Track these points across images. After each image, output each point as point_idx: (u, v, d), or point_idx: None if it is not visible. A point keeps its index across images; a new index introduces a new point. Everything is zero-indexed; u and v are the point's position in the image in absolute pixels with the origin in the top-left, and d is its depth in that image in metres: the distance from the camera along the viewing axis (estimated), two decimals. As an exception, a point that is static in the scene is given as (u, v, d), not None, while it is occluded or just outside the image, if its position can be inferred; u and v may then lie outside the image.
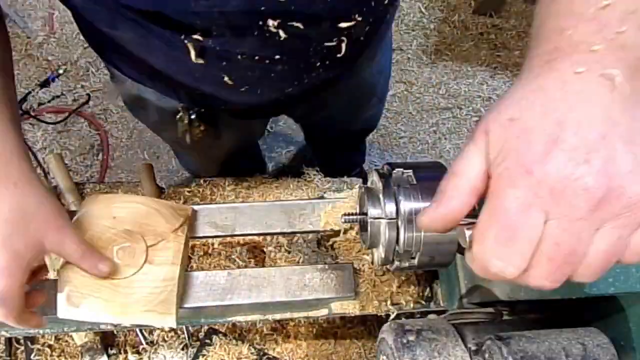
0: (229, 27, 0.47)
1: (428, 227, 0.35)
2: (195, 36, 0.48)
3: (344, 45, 0.54)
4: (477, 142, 0.33)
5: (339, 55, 0.55)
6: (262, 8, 0.45)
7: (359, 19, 0.51)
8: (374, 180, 0.50)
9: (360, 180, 0.83)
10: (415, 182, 0.46)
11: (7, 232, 0.46)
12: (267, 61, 0.53)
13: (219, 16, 0.46)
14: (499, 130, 0.31)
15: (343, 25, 0.51)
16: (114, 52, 0.63)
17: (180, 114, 0.70)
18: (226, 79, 0.55)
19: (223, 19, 0.46)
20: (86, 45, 1.82)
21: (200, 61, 0.51)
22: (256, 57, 0.52)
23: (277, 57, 0.52)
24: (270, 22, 0.47)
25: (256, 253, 0.77)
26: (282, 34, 0.48)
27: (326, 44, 0.53)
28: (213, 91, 0.61)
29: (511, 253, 0.30)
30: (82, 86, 1.76)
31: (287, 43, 0.50)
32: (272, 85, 0.60)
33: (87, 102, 1.73)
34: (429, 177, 0.47)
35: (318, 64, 0.57)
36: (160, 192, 0.79)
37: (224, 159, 0.98)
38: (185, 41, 0.49)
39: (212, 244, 0.74)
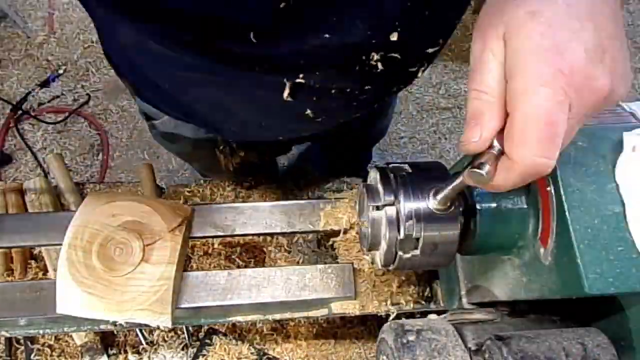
0: (335, 63, 0.47)
1: (472, 152, 0.35)
2: (299, 79, 0.47)
3: (422, 70, 0.54)
4: (493, 50, 0.33)
5: (416, 79, 0.55)
6: (374, 41, 0.45)
7: (442, 42, 0.51)
8: (373, 176, 0.50)
9: (360, 180, 0.83)
10: (411, 170, 0.46)
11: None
12: (357, 92, 0.52)
13: (329, 53, 0.45)
14: (519, 28, 0.31)
15: (430, 50, 0.50)
16: (156, 92, 0.61)
17: (222, 146, 0.69)
18: (308, 112, 0.55)
19: (333, 56, 0.46)
20: (86, 45, 1.82)
21: (290, 99, 0.50)
22: (347, 89, 0.52)
23: (367, 87, 0.52)
24: (374, 56, 0.46)
25: (256, 253, 0.77)
26: (380, 66, 0.48)
27: (410, 69, 0.53)
28: (282, 124, 0.60)
29: (553, 148, 0.32)
30: (82, 86, 1.76)
31: (381, 73, 0.49)
32: (348, 112, 0.59)
33: (87, 102, 1.73)
34: (425, 167, 0.48)
35: (395, 88, 0.57)
36: (160, 192, 0.79)
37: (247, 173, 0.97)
38: (286, 81, 0.48)
39: (212, 244, 0.74)
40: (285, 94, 0.49)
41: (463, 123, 1.79)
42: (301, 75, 0.47)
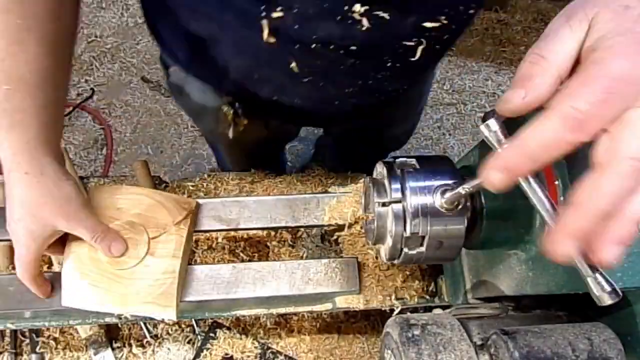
0: (314, 5, 0.45)
1: (509, 111, 0.33)
2: (275, 13, 0.45)
3: (420, 49, 0.52)
4: (573, 26, 0.33)
5: (412, 59, 0.53)
6: None
7: (445, 21, 0.49)
8: (379, 171, 0.49)
9: (365, 174, 0.82)
10: (418, 166, 0.46)
11: (21, 214, 0.52)
12: (341, 51, 0.51)
13: None
14: (611, 16, 0.32)
15: (427, 24, 0.49)
16: (173, 31, 0.62)
17: (225, 108, 0.69)
18: (293, 64, 0.53)
19: None
20: (90, 39, 1.82)
21: (272, 40, 0.48)
22: (331, 46, 0.50)
23: (353, 48, 0.50)
24: (357, 7, 0.44)
25: (260, 248, 0.77)
26: (365, 22, 0.46)
27: (404, 42, 0.51)
28: (273, 77, 0.59)
29: (607, 115, 0.30)
30: (86, 80, 1.76)
31: (366, 35, 0.48)
32: (336, 80, 0.58)
33: (91, 96, 1.73)
34: (432, 162, 0.48)
35: (389, 64, 0.55)
36: (164, 187, 0.79)
37: (254, 152, 0.96)
38: (263, 16, 0.46)
39: (216, 238, 0.74)
40: (265, 33, 0.47)
41: (467, 119, 1.78)
42: (280, 10, 0.45)
